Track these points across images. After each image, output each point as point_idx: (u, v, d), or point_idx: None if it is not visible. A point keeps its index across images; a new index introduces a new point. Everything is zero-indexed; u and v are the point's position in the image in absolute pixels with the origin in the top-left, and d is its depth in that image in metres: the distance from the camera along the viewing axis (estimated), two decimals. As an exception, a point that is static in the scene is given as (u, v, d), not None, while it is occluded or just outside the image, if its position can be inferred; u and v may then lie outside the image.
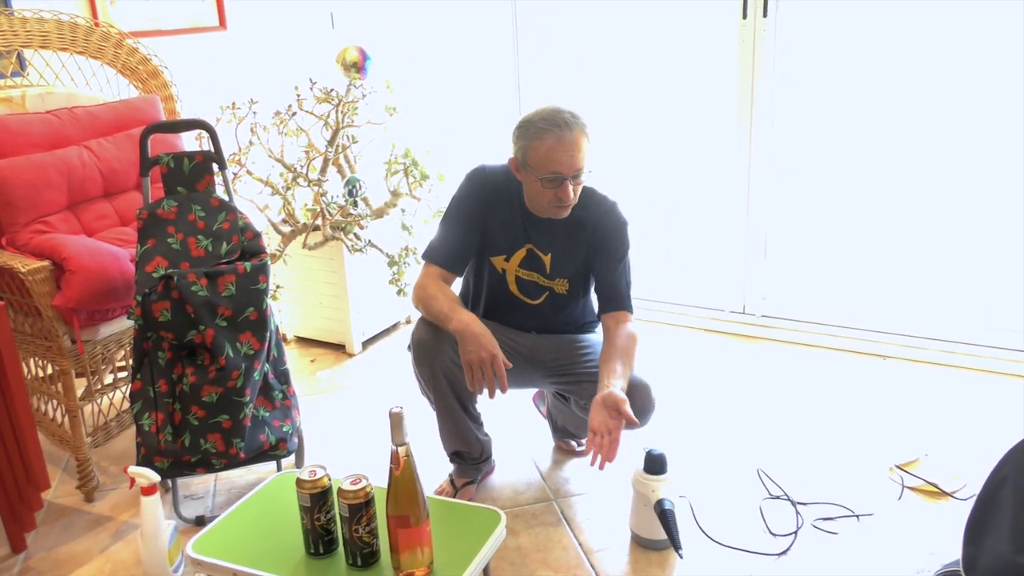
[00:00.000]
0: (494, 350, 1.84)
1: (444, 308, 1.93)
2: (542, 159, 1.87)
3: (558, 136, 1.85)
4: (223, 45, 3.29)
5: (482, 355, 1.83)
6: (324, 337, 3.26)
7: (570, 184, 1.89)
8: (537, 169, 1.89)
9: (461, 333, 1.86)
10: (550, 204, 1.94)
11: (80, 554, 2.03)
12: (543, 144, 1.86)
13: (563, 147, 1.86)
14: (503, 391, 1.86)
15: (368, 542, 1.53)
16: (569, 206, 1.95)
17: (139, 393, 2.03)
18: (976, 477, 2.10)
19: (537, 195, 1.95)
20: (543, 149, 1.87)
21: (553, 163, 1.87)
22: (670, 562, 1.91)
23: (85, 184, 2.37)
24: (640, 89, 3.29)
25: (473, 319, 1.88)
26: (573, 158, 1.87)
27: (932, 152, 2.79)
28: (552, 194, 1.91)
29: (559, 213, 1.97)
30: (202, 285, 1.99)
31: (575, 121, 1.88)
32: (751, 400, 2.65)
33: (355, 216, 2.95)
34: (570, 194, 1.90)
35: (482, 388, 1.87)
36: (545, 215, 2.00)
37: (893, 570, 1.84)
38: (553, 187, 1.90)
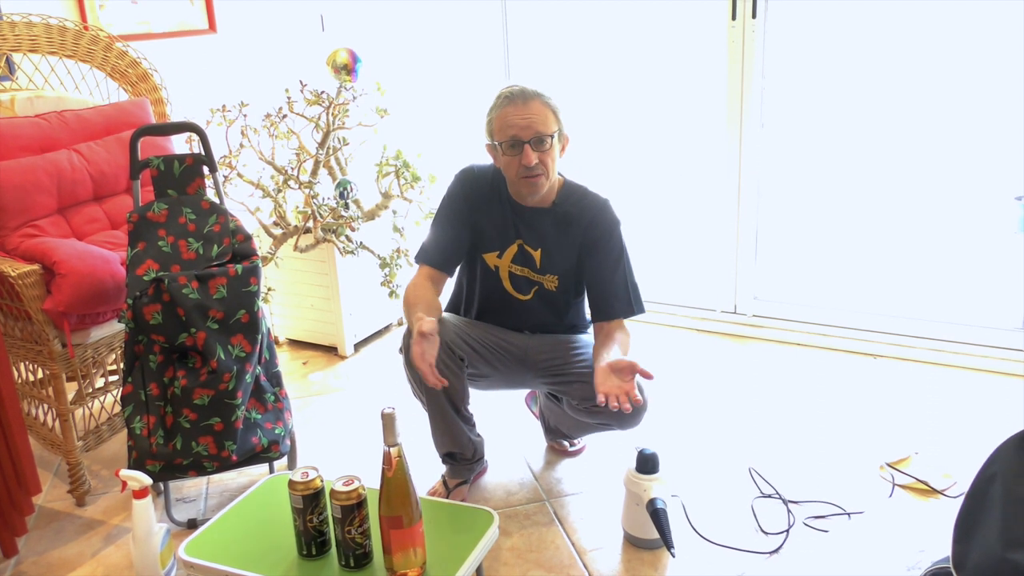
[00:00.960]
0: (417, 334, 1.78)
1: (409, 316, 1.95)
2: (501, 126, 1.93)
3: (511, 102, 1.92)
4: (213, 48, 3.29)
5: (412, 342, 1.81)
6: (316, 339, 3.25)
7: (532, 150, 1.90)
8: (499, 138, 1.94)
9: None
10: (518, 176, 1.95)
11: (72, 558, 2.03)
12: (502, 112, 1.93)
13: (516, 110, 1.90)
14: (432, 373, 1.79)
15: (361, 543, 1.53)
16: (539, 177, 1.94)
17: (130, 396, 2.02)
18: (966, 475, 2.11)
19: (507, 170, 1.97)
20: (500, 116, 1.93)
21: (510, 127, 1.90)
22: (663, 561, 1.91)
23: (75, 188, 2.36)
24: (630, 90, 3.30)
25: (419, 317, 1.84)
26: (528, 120, 1.89)
27: (920, 153, 2.80)
28: (517, 162, 1.92)
29: (531, 186, 1.96)
30: (193, 288, 1.99)
31: (531, 89, 1.93)
32: (743, 399, 2.66)
33: (346, 218, 2.95)
34: (532, 159, 1.90)
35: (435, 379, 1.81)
36: (523, 197, 2.01)
37: (884, 567, 1.85)
38: (516, 154, 1.92)
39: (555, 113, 1.94)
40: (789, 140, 3.00)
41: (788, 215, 3.10)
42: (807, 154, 3.01)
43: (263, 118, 2.93)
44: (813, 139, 2.98)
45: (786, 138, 3.00)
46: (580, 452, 2.40)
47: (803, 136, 2.99)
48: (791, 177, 3.05)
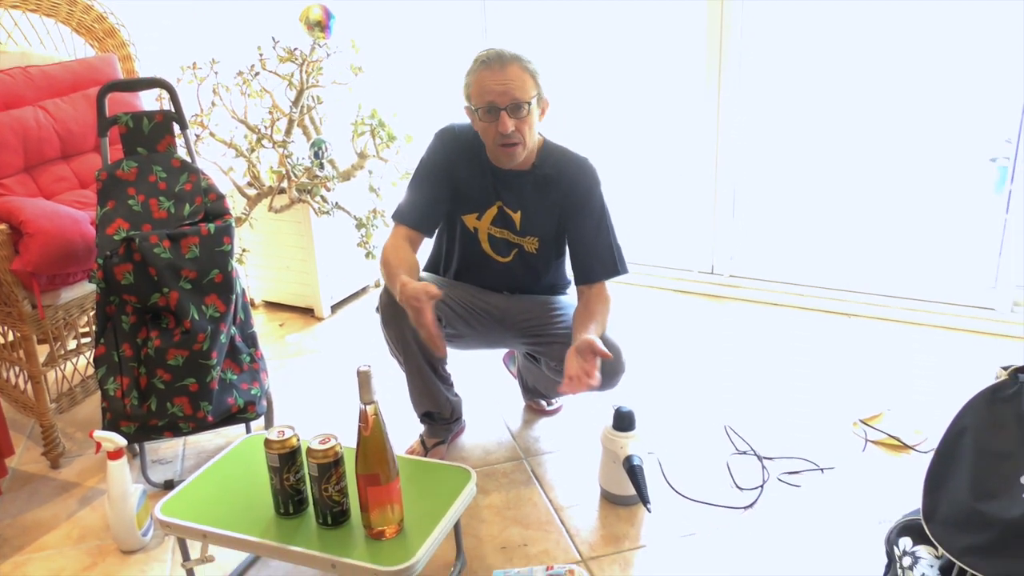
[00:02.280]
0: (417, 304, 1.74)
1: (392, 274, 1.87)
2: (478, 91, 1.89)
3: (488, 66, 1.87)
4: (182, 3, 3.20)
5: (411, 314, 1.77)
6: (293, 301, 3.23)
7: (508, 117, 1.87)
8: (475, 103, 1.90)
9: (401, 299, 1.79)
10: (495, 143, 1.92)
11: (47, 520, 2.01)
12: (479, 77, 1.88)
13: (493, 75, 1.86)
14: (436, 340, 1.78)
15: (338, 501, 1.53)
16: (515, 145, 1.91)
17: (103, 358, 2.00)
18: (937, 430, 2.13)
19: (484, 136, 1.94)
20: (477, 81, 1.89)
21: (487, 92, 1.87)
22: (639, 517, 1.93)
23: (42, 146, 2.31)
24: (608, 48, 3.27)
25: (407, 280, 1.80)
26: (505, 86, 1.85)
27: (898, 114, 2.81)
28: (493, 130, 1.89)
29: (508, 154, 1.93)
30: (165, 247, 1.96)
31: (509, 53, 1.88)
32: (719, 358, 2.68)
33: (321, 178, 2.91)
34: (508, 127, 1.87)
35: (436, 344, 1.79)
36: (501, 163, 1.98)
37: (856, 520, 1.88)
38: (491, 120, 1.89)
39: (534, 78, 1.89)
40: (768, 100, 2.99)
41: (765, 176, 3.10)
42: (785, 114, 3.00)
43: (235, 76, 2.87)
44: (791, 99, 2.97)
45: (765, 98, 2.99)
46: (557, 411, 2.41)
47: (782, 96, 2.98)
48: (769, 138, 3.05)
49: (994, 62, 2.57)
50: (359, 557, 1.47)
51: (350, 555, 1.47)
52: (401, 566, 1.43)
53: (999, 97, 2.58)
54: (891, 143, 2.85)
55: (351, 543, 1.51)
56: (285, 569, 1.80)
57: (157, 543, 1.91)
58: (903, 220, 2.92)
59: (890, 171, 2.89)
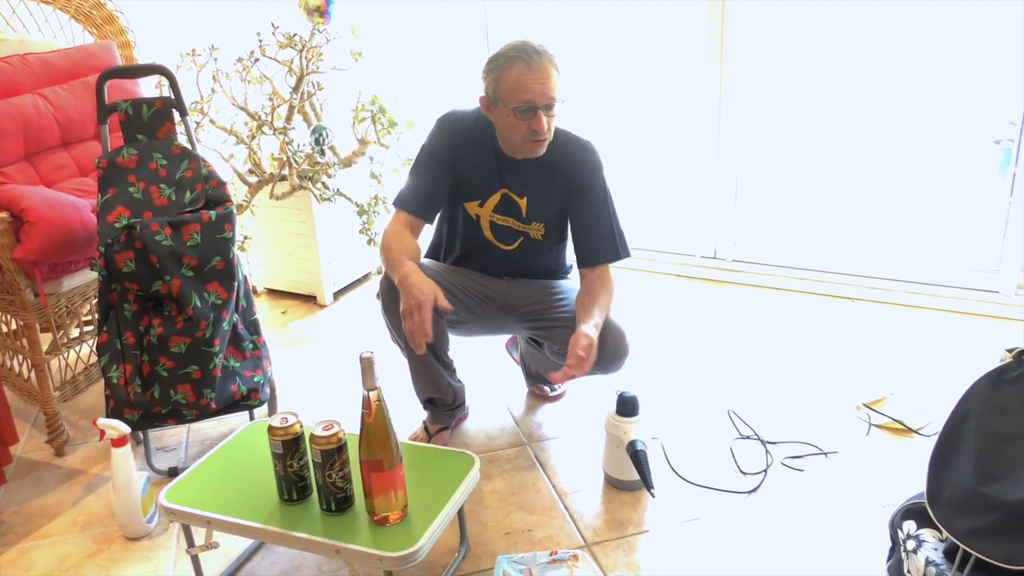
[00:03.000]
0: (423, 296, 1.74)
1: (394, 259, 1.87)
2: (512, 88, 1.84)
3: (527, 63, 1.83)
4: (181, -11, 3.19)
5: (410, 303, 1.75)
6: (295, 288, 3.23)
7: (543, 115, 1.86)
8: (509, 100, 1.85)
9: (401, 285, 1.79)
10: (524, 139, 1.90)
11: (52, 507, 2.02)
12: (513, 73, 1.84)
13: (533, 74, 1.83)
14: (427, 338, 1.75)
15: (342, 487, 1.53)
16: (545, 140, 1.92)
17: (106, 345, 2.00)
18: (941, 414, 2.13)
19: (511, 131, 1.91)
20: (513, 78, 1.84)
21: (524, 91, 1.83)
22: (643, 502, 1.93)
23: (42, 133, 2.30)
24: (610, 33, 3.25)
25: (414, 270, 1.80)
26: (544, 85, 1.84)
27: (901, 97, 2.79)
28: (526, 127, 1.87)
29: (535, 149, 1.93)
30: (166, 234, 1.95)
31: (544, 51, 1.85)
32: (722, 343, 2.67)
33: (323, 165, 2.90)
34: (544, 126, 1.86)
35: (412, 340, 1.77)
36: (521, 154, 1.97)
37: (859, 504, 1.88)
38: (527, 119, 1.86)
39: (559, 73, 1.88)
40: (770, 85, 2.97)
41: (768, 160, 3.09)
42: (788, 99, 2.99)
43: (235, 62, 2.85)
44: (794, 84, 2.95)
45: (767, 82, 2.97)
46: (561, 397, 2.41)
47: (784, 81, 2.96)
48: (771, 122, 3.03)
49: (998, 44, 2.55)
50: (363, 543, 1.47)
51: (354, 541, 1.47)
52: (405, 552, 1.44)
53: (1003, 79, 2.56)
54: (894, 126, 2.83)
55: (355, 529, 1.51)
56: (289, 555, 1.80)
57: (162, 530, 1.92)
58: (906, 203, 2.90)
59: (893, 154, 2.87)
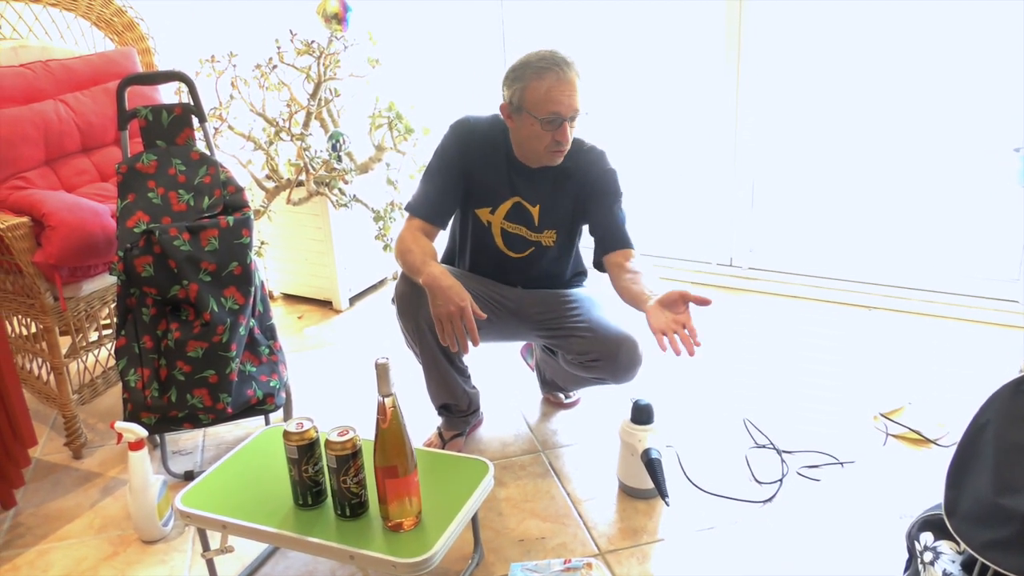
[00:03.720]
0: (462, 302, 1.78)
1: (417, 261, 1.90)
2: (542, 100, 1.84)
3: (558, 76, 1.83)
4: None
5: (450, 308, 1.78)
6: (311, 294, 3.24)
7: (568, 126, 1.87)
8: (536, 111, 1.85)
9: (430, 287, 1.82)
10: (547, 149, 1.91)
11: (70, 509, 2.04)
12: (543, 84, 1.83)
13: (562, 87, 1.83)
14: (474, 344, 1.81)
15: (356, 493, 1.54)
16: (565, 151, 1.92)
17: (124, 349, 2.01)
18: (959, 425, 2.12)
19: (533, 140, 1.91)
20: (543, 89, 1.83)
21: (553, 103, 1.84)
22: (657, 510, 1.93)
23: (62, 139, 2.32)
24: (625, 38, 3.25)
25: (443, 272, 1.84)
26: (571, 98, 1.84)
27: (920, 104, 2.77)
28: (550, 137, 1.88)
29: (555, 159, 1.94)
30: (184, 240, 1.97)
31: (572, 62, 1.86)
32: (738, 351, 2.66)
33: (339, 171, 2.91)
34: (568, 136, 1.87)
35: (454, 343, 1.81)
36: (539, 163, 1.98)
37: (876, 515, 1.86)
38: (552, 129, 1.87)
39: (582, 83, 1.88)
40: (786, 92, 2.96)
41: (784, 167, 3.08)
42: (805, 106, 2.97)
43: (253, 69, 2.87)
44: (811, 90, 2.94)
45: (783, 90, 2.96)
46: (575, 404, 2.40)
47: (801, 87, 2.95)
48: (788, 129, 3.02)
49: (1017, 50, 2.53)
50: (377, 549, 1.47)
51: (368, 547, 1.48)
52: (419, 558, 1.44)
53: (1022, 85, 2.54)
54: (912, 133, 2.82)
55: (369, 535, 1.51)
56: (303, 560, 1.81)
57: (177, 533, 1.93)
58: (924, 211, 2.88)
59: (911, 162, 2.85)
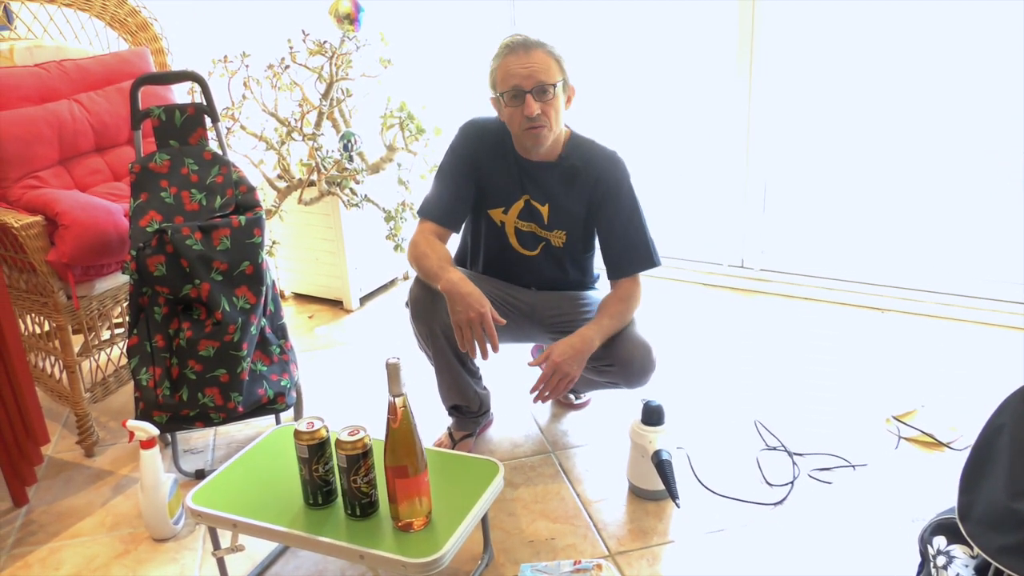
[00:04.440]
0: (482, 308, 1.80)
1: (434, 266, 1.91)
2: (503, 76, 1.89)
3: (513, 51, 1.87)
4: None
5: (470, 315, 1.80)
6: (322, 293, 3.25)
7: (533, 100, 1.86)
8: (501, 88, 1.90)
9: (449, 292, 1.83)
10: (522, 129, 1.91)
11: (81, 507, 2.05)
12: (501, 62, 1.89)
13: (518, 59, 1.86)
14: (495, 350, 1.84)
15: (367, 492, 1.54)
16: (542, 127, 1.90)
17: (136, 348, 2.02)
18: (972, 428, 2.11)
19: (511, 123, 1.94)
20: (502, 66, 1.89)
21: (511, 76, 1.87)
22: (667, 512, 1.92)
23: (76, 138, 2.34)
24: (637, 39, 3.24)
25: (461, 278, 1.85)
26: (529, 69, 1.85)
27: (932, 105, 2.75)
28: (519, 113, 1.89)
29: (535, 138, 1.91)
30: (196, 239, 1.97)
31: (534, 39, 1.89)
32: (749, 353, 2.65)
33: (351, 171, 2.92)
34: (534, 110, 1.86)
35: (474, 349, 1.84)
36: (528, 152, 1.97)
37: (888, 519, 1.85)
38: (517, 104, 1.88)
39: (559, 63, 1.89)
40: (800, 92, 2.95)
41: (796, 168, 3.07)
42: (818, 107, 2.96)
43: (265, 69, 2.88)
44: (823, 92, 2.93)
45: (797, 90, 2.95)
46: (585, 405, 2.40)
47: (814, 88, 2.94)
48: (800, 130, 3.01)
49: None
50: (387, 548, 1.47)
51: (378, 546, 1.48)
52: (429, 558, 1.44)
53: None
54: (925, 135, 2.80)
55: (379, 534, 1.51)
56: (313, 559, 1.81)
57: (188, 532, 1.94)
58: (937, 213, 2.87)
59: (924, 163, 2.84)
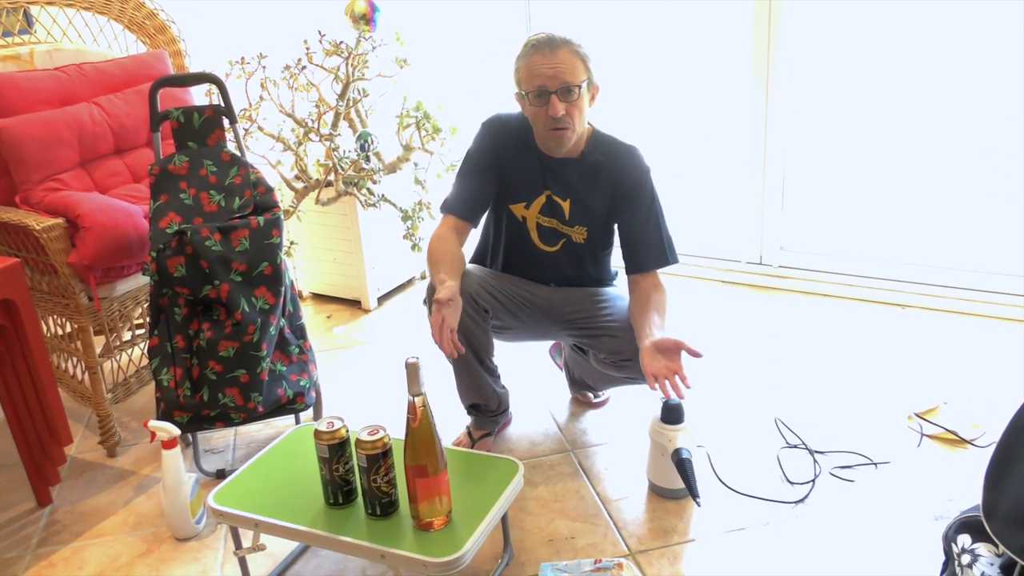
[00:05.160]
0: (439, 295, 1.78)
1: (433, 269, 1.94)
2: (528, 75, 1.89)
3: (539, 50, 1.87)
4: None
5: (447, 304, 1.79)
6: (339, 293, 3.26)
7: (559, 100, 1.86)
8: (526, 87, 1.90)
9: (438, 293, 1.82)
10: (546, 128, 1.91)
11: (104, 507, 2.06)
12: (528, 60, 1.89)
13: (544, 59, 1.86)
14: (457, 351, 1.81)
15: (387, 492, 1.54)
16: (566, 129, 1.90)
17: (157, 349, 2.04)
18: (996, 425, 2.09)
19: (534, 122, 1.94)
20: (528, 64, 1.88)
21: (537, 76, 1.87)
22: (688, 510, 1.91)
23: (96, 141, 2.36)
24: (654, 34, 3.23)
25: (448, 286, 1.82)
26: (555, 69, 1.85)
27: (954, 99, 2.73)
28: (544, 113, 1.89)
29: (558, 138, 1.92)
30: (216, 240, 1.98)
31: (560, 37, 1.88)
32: (768, 350, 2.63)
33: (368, 171, 2.93)
34: (559, 110, 1.86)
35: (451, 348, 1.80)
36: (551, 150, 1.97)
37: (911, 516, 1.84)
38: (542, 104, 1.88)
39: (584, 62, 1.89)
40: (818, 88, 2.93)
41: (815, 164, 3.04)
42: (835, 102, 2.94)
43: (282, 70, 2.89)
44: (842, 87, 2.91)
45: (814, 85, 2.92)
46: (604, 403, 2.39)
47: (832, 84, 2.92)
48: (818, 125, 2.99)
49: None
50: (408, 548, 1.47)
51: (399, 546, 1.48)
52: (449, 557, 1.44)
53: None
54: (946, 130, 2.77)
55: (400, 534, 1.52)
56: (334, 559, 1.82)
57: (210, 531, 1.95)
58: (959, 208, 2.84)
59: (946, 157, 2.81)
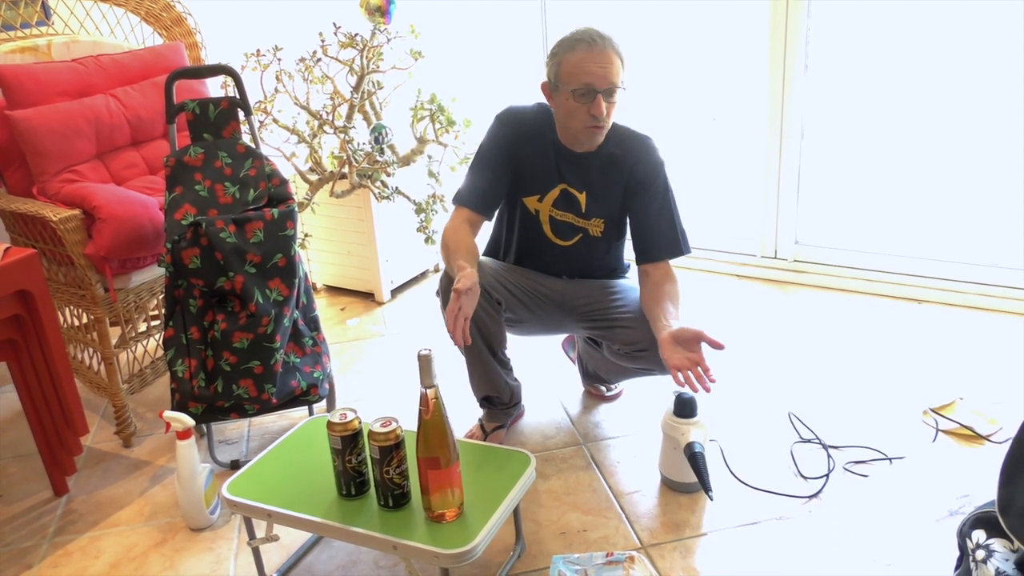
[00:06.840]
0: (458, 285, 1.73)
1: (449, 259, 1.91)
2: (573, 71, 1.85)
3: (589, 46, 1.84)
4: (246, -9, 3.25)
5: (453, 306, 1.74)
6: (353, 286, 3.27)
7: (603, 100, 1.85)
8: (569, 82, 1.86)
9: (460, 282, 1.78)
10: (583, 124, 1.90)
11: (120, 497, 2.08)
12: (575, 55, 1.85)
13: (594, 57, 1.84)
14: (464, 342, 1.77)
15: (399, 484, 1.55)
16: (603, 128, 1.91)
17: (172, 340, 2.05)
18: (1012, 421, 2.08)
19: (570, 117, 1.91)
20: (574, 60, 1.85)
21: (585, 74, 1.84)
22: (700, 504, 1.91)
23: (113, 132, 2.37)
24: (668, 24, 3.21)
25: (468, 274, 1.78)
26: (605, 69, 1.84)
27: (971, 94, 2.70)
28: (585, 111, 1.87)
29: (593, 136, 1.92)
30: (231, 232, 1.99)
31: (608, 37, 1.86)
32: (783, 345, 2.62)
33: (382, 163, 2.93)
34: (603, 110, 1.86)
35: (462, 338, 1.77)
36: (579, 143, 1.97)
37: (926, 512, 1.82)
38: (586, 102, 1.86)
39: (623, 62, 1.89)
40: (833, 82, 2.90)
41: (830, 158, 3.02)
42: (851, 96, 2.91)
43: (297, 62, 2.90)
44: (858, 81, 2.88)
45: (830, 80, 2.90)
46: (617, 397, 2.39)
47: (848, 78, 2.89)
48: (834, 120, 2.96)
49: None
50: (420, 539, 1.48)
51: (411, 537, 1.49)
52: (461, 549, 1.44)
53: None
54: (965, 122, 2.74)
55: (412, 525, 1.52)
56: (347, 550, 1.83)
57: (224, 521, 1.96)
58: (975, 203, 2.81)
59: (963, 151, 2.78)
